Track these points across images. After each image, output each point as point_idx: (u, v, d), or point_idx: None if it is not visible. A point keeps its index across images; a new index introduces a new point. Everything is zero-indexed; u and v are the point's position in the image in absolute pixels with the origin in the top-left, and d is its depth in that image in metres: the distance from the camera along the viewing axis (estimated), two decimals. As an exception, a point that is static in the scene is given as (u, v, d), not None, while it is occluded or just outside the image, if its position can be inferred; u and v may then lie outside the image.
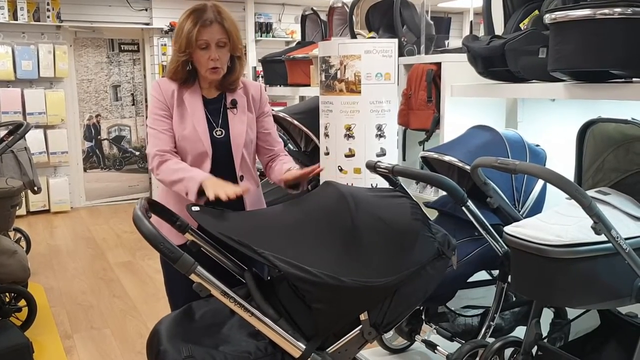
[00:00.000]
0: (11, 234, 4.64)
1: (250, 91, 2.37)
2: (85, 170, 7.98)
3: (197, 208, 1.97)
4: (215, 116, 2.29)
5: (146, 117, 8.12)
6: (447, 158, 2.51)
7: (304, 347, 1.70)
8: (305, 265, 1.65)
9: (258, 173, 2.52)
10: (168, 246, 1.63)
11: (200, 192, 2.08)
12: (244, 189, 2.09)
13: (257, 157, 2.52)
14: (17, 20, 7.07)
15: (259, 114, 2.40)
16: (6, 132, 4.15)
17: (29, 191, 4.62)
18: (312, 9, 5.04)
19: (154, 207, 2.04)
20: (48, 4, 7.22)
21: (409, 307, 1.83)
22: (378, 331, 1.76)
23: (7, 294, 3.58)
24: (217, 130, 2.26)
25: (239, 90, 2.34)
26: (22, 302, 3.63)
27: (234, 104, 2.31)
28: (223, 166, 2.26)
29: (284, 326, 1.71)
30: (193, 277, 1.65)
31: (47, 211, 7.40)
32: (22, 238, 5.12)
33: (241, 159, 2.30)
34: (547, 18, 2.13)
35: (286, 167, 2.31)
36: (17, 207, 4.12)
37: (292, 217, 1.92)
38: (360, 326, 1.74)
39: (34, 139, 6.76)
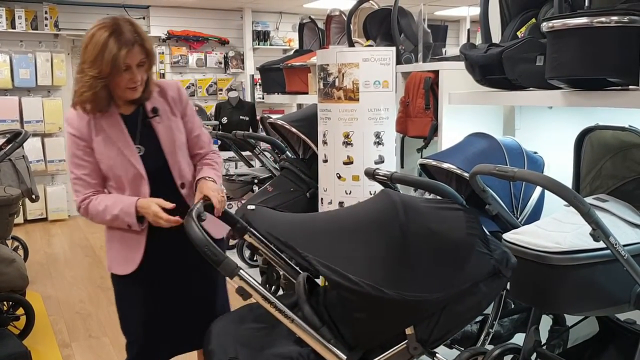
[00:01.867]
0: (9, 242, 4.64)
1: (168, 93, 2.25)
2: (82, 178, 7.97)
3: (253, 207, 1.98)
4: (134, 131, 2.17)
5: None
6: (445, 165, 2.52)
7: (344, 357, 1.67)
8: (349, 273, 1.62)
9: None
10: (212, 249, 1.65)
11: (139, 217, 2.09)
12: (175, 220, 2.04)
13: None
14: (15, 28, 7.08)
15: (182, 116, 2.29)
16: (4, 140, 4.15)
17: (26, 199, 4.61)
18: (309, 17, 5.06)
19: (212, 208, 2.08)
20: (46, 12, 7.24)
21: (459, 325, 1.75)
22: (425, 347, 1.68)
23: (5, 302, 3.57)
24: (137, 148, 2.16)
25: (155, 95, 2.21)
26: (20, 311, 3.62)
27: (155, 111, 2.20)
28: (161, 180, 2.18)
29: (326, 334, 1.68)
30: (236, 280, 1.65)
31: (45, 219, 7.39)
32: (20, 246, 5.10)
33: (179, 167, 2.22)
34: (545, 26, 2.14)
35: (200, 175, 2.23)
36: (15, 216, 4.12)
37: (343, 224, 1.87)
38: (407, 341, 1.67)
39: (31, 147, 6.76)
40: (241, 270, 1.65)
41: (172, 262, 2.23)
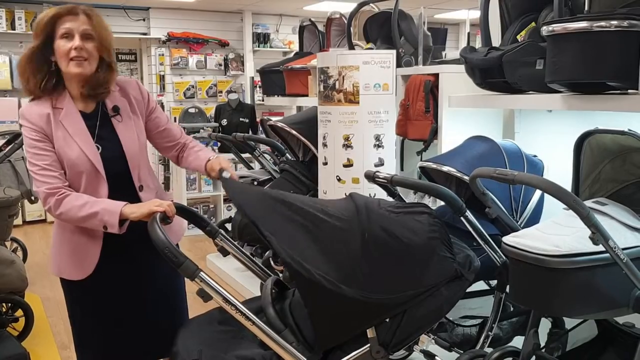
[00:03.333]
0: (8, 243, 4.63)
1: (129, 92, 2.19)
2: (82, 179, 7.97)
3: (228, 175, 1.98)
4: (93, 130, 2.09)
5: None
6: (445, 168, 2.52)
7: (304, 359, 1.67)
8: (307, 264, 1.63)
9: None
10: (173, 251, 1.64)
11: (121, 221, 1.97)
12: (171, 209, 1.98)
13: (162, 154, 2.42)
14: (14, 30, 7.09)
15: (147, 113, 2.24)
16: (4, 141, 4.15)
17: (25, 201, 4.61)
18: (309, 19, 5.06)
19: (183, 212, 2.08)
20: (46, 14, 7.25)
21: (420, 328, 1.77)
22: (387, 350, 1.70)
23: (4, 304, 3.57)
24: (96, 146, 2.07)
25: (115, 94, 2.15)
26: (19, 312, 3.62)
27: (117, 110, 2.13)
28: (118, 181, 2.11)
29: (288, 337, 1.69)
30: (196, 282, 1.65)
31: (44, 221, 7.38)
32: (19, 248, 5.10)
33: (138, 169, 2.15)
34: (545, 30, 2.15)
35: (205, 156, 2.22)
36: (15, 217, 4.12)
37: (310, 216, 1.84)
38: (369, 344, 1.69)
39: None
40: (201, 273, 1.65)
41: (128, 267, 2.16)
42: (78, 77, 2.04)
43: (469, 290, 2.53)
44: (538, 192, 2.53)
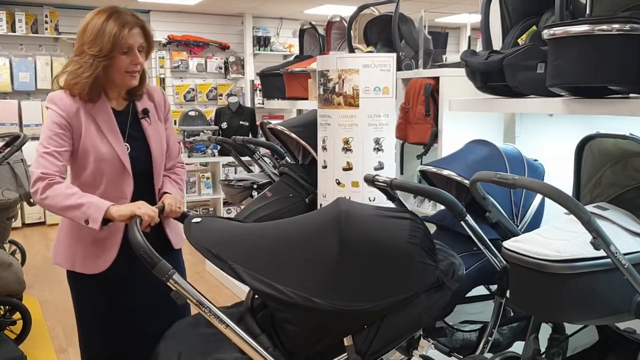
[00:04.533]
0: (6, 246, 4.62)
1: (155, 97, 2.26)
2: (81, 182, 7.96)
3: (198, 220, 1.90)
4: (124, 129, 2.14)
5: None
6: (445, 172, 2.51)
7: None
8: (279, 284, 1.59)
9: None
10: (148, 252, 1.65)
11: (104, 221, 1.95)
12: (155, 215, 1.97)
13: None
14: (15, 32, 7.09)
15: (164, 121, 2.29)
16: (3, 143, 4.15)
17: (24, 203, 4.60)
18: (310, 23, 5.06)
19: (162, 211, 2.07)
20: (46, 16, 7.25)
21: (398, 337, 1.70)
22: (364, 359, 1.65)
23: (1, 306, 3.55)
24: (125, 145, 2.12)
25: (144, 97, 2.22)
26: (17, 315, 3.61)
27: (146, 112, 2.19)
28: (141, 181, 2.14)
29: (264, 342, 1.66)
30: (170, 284, 1.65)
31: (43, 223, 7.38)
32: (17, 250, 5.09)
33: (160, 172, 2.20)
34: (546, 34, 2.14)
35: (165, 188, 2.20)
36: (13, 219, 4.11)
37: (288, 233, 1.83)
38: (346, 353, 1.65)
39: (30, 151, 6.73)
40: (175, 274, 1.66)
41: (142, 264, 2.17)
42: (128, 87, 2.12)
43: (469, 295, 2.52)
44: (539, 197, 2.52)
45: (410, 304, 1.64)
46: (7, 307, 3.59)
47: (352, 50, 4.04)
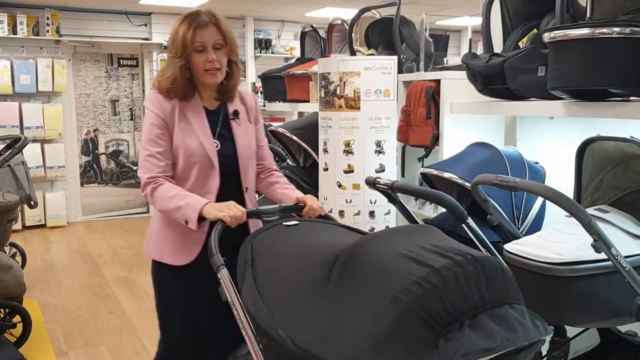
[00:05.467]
0: (6, 248, 4.62)
1: (247, 101, 2.35)
2: (82, 184, 7.97)
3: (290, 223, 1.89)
4: (215, 128, 2.24)
5: (144, 132, 8.18)
6: (447, 175, 2.51)
7: None
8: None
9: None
10: (211, 244, 1.75)
11: (200, 219, 2.03)
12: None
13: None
14: (16, 34, 7.10)
15: (254, 123, 2.37)
16: (4, 146, 4.15)
17: (25, 205, 4.60)
18: (311, 25, 5.06)
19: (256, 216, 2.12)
20: (48, 18, 7.26)
21: None
22: None
23: (1, 309, 3.55)
24: (214, 143, 2.22)
25: (236, 100, 2.31)
26: (17, 318, 3.60)
27: (237, 114, 2.28)
28: (229, 179, 2.23)
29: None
30: (217, 276, 1.70)
31: (43, 226, 7.37)
32: (18, 253, 5.09)
33: (247, 171, 2.28)
34: (546, 37, 2.14)
35: (294, 195, 2.26)
36: (14, 222, 4.11)
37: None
38: None
39: (31, 153, 6.76)
40: (223, 270, 1.69)
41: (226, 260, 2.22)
42: (211, 85, 2.21)
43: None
44: (540, 200, 2.52)
45: None
46: (7, 310, 3.58)
47: (353, 53, 4.05)
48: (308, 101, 4.47)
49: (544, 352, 2.23)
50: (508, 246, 2.01)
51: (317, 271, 1.46)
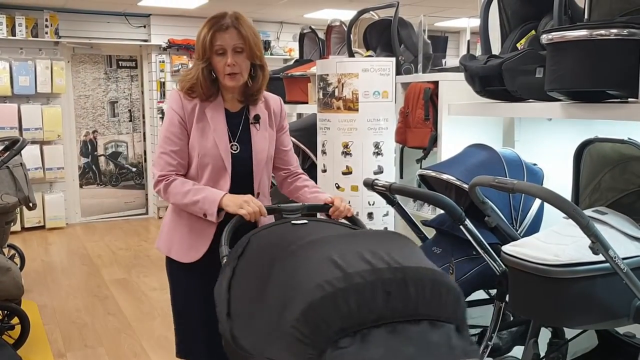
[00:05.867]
0: (5, 250, 4.61)
1: (271, 106, 2.35)
2: (81, 186, 7.96)
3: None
4: (235, 130, 2.25)
5: (143, 134, 8.18)
6: (445, 176, 2.51)
7: None
8: None
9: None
10: (224, 235, 1.88)
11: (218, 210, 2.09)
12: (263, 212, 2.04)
13: (272, 172, 2.50)
14: (15, 36, 7.09)
15: (278, 129, 2.38)
16: (2, 147, 4.14)
17: (23, 207, 4.60)
18: (310, 27, 5.07)
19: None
20: (46, 20, 7.25)
21: None
22: None
23: (0, 311, 3.55)
24: (232, 145, 2.23)
25: (260, 104, 2.31)
26: (15, 320, 3.60)
27: (257, 119, 2.29)
28: (241, 182, 2.24)
29: None
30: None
31: (42, 227, 7.36)
32: (16, 254, 5.08)
33: (260, 176, 2.28)
34: (544, 38, 2.14)
35: (323, 198, 2.27)
36: (12, 223, 4.10)
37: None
38: None
39: (30, 155, 6.75)
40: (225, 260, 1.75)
41: None
42: (232, 88, 2.21)
43: (468, 299, 2.52)
44: (538, 201, 2.52)
45: None
46: (6, 311, 3.58)
47: (351, 54, 4.05)
48: (306, 102, 4.47)
49: (542, 354, 2.23)
50: (506, 248, 2.01)
51: (267, 269, 1.46)
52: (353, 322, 1.16)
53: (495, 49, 2.86)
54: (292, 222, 1.88)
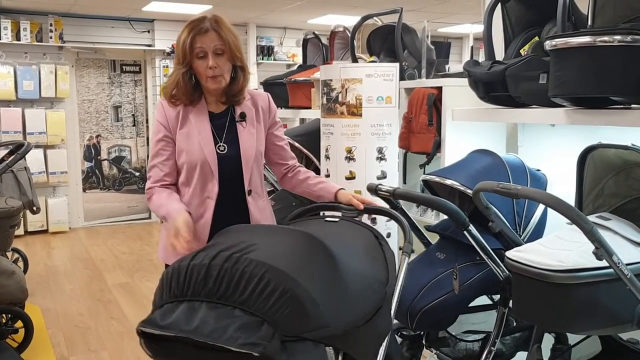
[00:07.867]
0: (9, 254, 4.62)
1: (258, 102, 2.34)
2: (84, 190, 7.98)
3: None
4: (221, 131, 2.26)
5: (146, 139, 8.19)
6: (448, 182, 2.51)
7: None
8: None
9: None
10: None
11: None
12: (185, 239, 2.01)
13: (270, 169, 2.51)
14: (19, 40, 7.12)
15: (270, 125, 2.37)
16: (7, 151, 4.16)
17: (27, 211, 4.61)
18: (313, 32, 5.08)
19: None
20: (51, 24, 7.29)
21: None
22: None
23: (3, 315, 3.55)
24: (220, 146, 2.24)
25: (246, 102, 2.31)
26: (19, 324, 3.60)
27: (243, 116, 2.28)
28: (231, 182, 2.24)
29: None
30: None
31: (45, 231, 7.38)
32: (20, 258, 5.09)
33: (250, 174, 2.28)
34: (548, 44, 2.15)
35: (333, 190, 2.31)
36: (16, 227, 4.11)
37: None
38: None
39: (33, 159, 6.78)
40: None
41: None
42: (215, 91, 2.22)
43: (472, 304, 2.52)
44: (541, 207, 2.52)
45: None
46: (9, 315, 3.58)
47: (355, 59, 4.06)
48: (310, 108, 4.48)
49: (546, 359, 2.23)
50: (509, 253, 2.00)
51: None
52: (174, 295, 1.57)
53: (499, 54, 2.87)
54: (326, 219, 1.98)
